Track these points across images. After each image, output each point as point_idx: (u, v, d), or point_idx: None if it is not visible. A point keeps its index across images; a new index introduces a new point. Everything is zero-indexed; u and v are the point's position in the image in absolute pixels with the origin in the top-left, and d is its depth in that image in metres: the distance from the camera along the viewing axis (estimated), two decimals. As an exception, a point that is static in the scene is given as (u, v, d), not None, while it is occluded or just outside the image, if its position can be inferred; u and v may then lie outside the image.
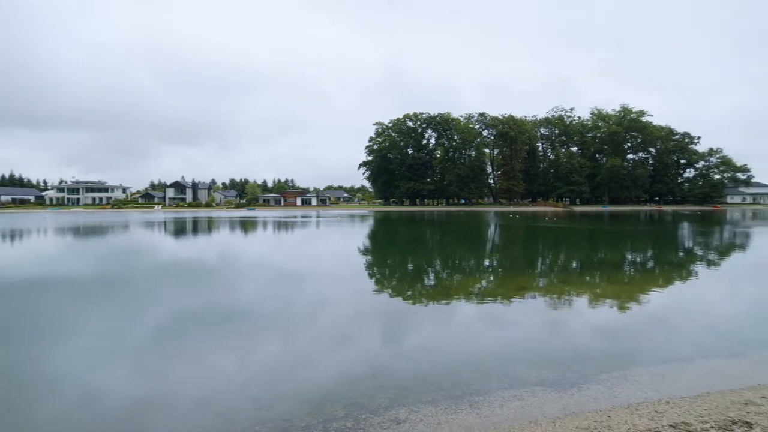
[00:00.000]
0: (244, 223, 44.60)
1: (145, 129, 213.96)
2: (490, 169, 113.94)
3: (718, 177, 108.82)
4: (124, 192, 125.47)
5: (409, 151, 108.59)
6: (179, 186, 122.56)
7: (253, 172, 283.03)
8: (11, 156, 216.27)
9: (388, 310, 9.32)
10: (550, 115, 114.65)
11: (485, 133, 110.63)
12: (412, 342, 7.27)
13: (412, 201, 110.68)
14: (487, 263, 17.28)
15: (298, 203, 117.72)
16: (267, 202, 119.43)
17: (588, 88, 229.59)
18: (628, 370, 5.67)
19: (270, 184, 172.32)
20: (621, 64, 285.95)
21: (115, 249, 22.63)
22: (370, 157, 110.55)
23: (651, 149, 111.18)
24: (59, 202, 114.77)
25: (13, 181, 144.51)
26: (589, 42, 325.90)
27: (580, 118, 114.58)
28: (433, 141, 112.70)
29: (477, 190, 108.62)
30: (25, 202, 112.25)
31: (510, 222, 47.09)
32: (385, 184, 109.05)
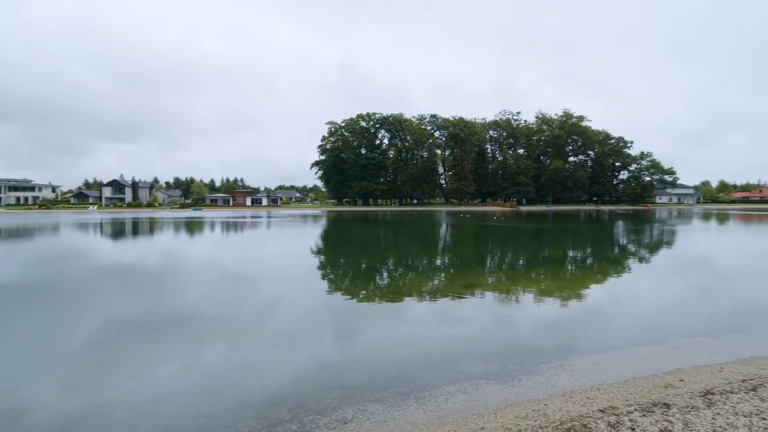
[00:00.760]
0: (189, 224, 42.68)
1: (79, 124, 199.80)
2: (441, 170, 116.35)
3: (648, 179, 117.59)
4: (53, 191, 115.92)
5: (363, 151, 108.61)
6: (117, 185, 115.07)
7: (200, 171, 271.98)
8: None
9: (339, 311, 9.27)
10: (498, 118, 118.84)
11: (437, 134, 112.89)
12: (362, 341, 7.27)
13: (366, 201, 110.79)
14: (437, 262, 17.64)
15: (248, 203, 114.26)
16: (214, 202, 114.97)
17: (533, 93, 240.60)
18: (565, 360, 5.99)
19: (218, 184, 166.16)
20: (564, 71, 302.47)
21: (40, 253, 20.84)
22: (323, 157, 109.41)
23: (590, 152, 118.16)
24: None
25: None
26: (536, 49, 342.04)
27: (526, 121, 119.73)
28: (386, 141, 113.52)
29: (429, 190, 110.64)
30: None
31: (460, 221, 48.35)
32: (338, 183, 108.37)
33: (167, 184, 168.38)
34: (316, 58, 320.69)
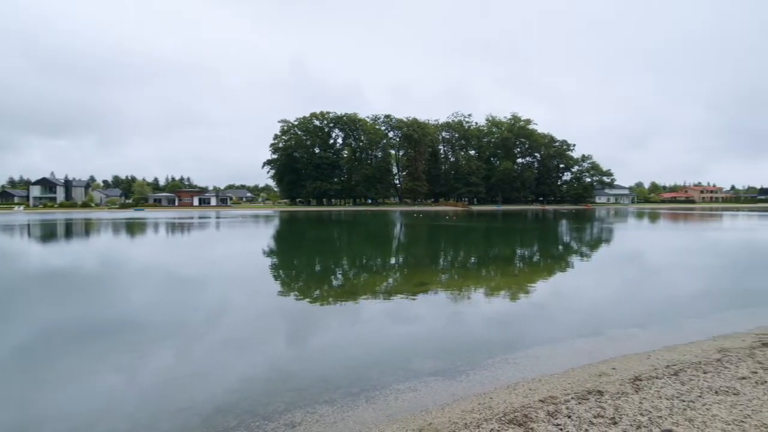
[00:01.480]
0: (130, 226, 40.29)
1: (2, 117, 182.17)
2: (396, 170, 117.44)
3: (589, 180, 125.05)
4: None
5: (316, 150, 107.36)
6: (48, 183, 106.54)
7: (143, 170, 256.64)
8: None
9: (290, 312, 9.11)
10: (450, 120, 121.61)
11: (391, 134, 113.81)
12: (313, 343, 7.18)
13: (319, 201, 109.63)
14: (391, 261, 17.78)
15: (196, 203, 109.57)
16: (158, 202, 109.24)
17: (484, 96, 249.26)
18: (510, 354, 6.24)
19: (162, 183, 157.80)
20: (512, 76, 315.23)
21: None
22: (276, 156, 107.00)
23: (536, 154, 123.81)
24: None
25: None
26: (487, 54, 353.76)
27: (477, 123, 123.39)
28: (340, 141, 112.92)
29: (383, 190, 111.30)
30: None
31: (414, 221, 49.02)
32: (291, 183, 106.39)
33: (105, 182, 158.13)
34: (268, 55, 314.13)
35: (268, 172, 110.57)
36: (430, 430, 3.90)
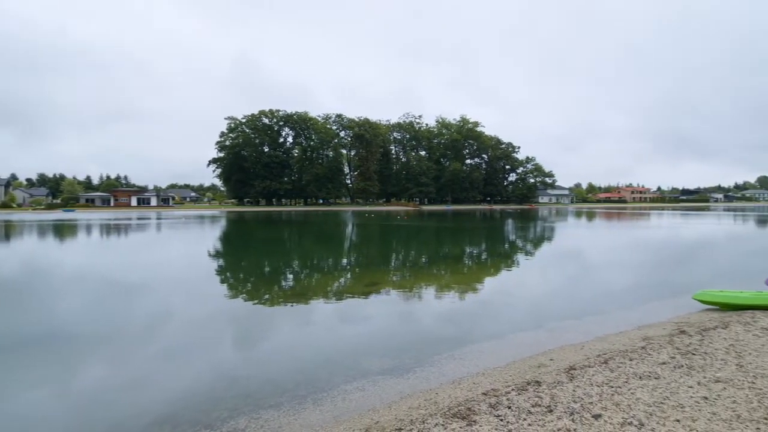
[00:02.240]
0: (59, 228, 37.22)
1: None
2: (347, 170, 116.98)
3: (532, 181, 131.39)
4: None
5: (265, 149, 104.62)
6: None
7: (74, 167, 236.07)
8: None
9: (237, 316, 8.81)
10: (401, 121, 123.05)
11: (342, 134, 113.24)
12: (260, 346, 7.00)
13: (269, 201, 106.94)
14: (343, 262, 17.69)
15: (134, 203, 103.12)
16: (91, 202, 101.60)
17: (433, 98, 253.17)
18: (456, 350, 6.41)
19: (96, 182, 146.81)
20: (461, 79, 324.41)
21: None
22: (222, 154, 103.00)
23: (484, 156, 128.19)
24: None
25: None
26: (435, 57, 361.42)
27: (427, 125, 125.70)
28: (290, 140, 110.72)
29: (335, 190, 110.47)
30: None
31: (366, 221, 49.11)
32: (238, 182, 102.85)
33: (29, 181, 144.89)
34: (214, 51, 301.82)
35: (214, 171, 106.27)
36: (377, 429, 3.93)
